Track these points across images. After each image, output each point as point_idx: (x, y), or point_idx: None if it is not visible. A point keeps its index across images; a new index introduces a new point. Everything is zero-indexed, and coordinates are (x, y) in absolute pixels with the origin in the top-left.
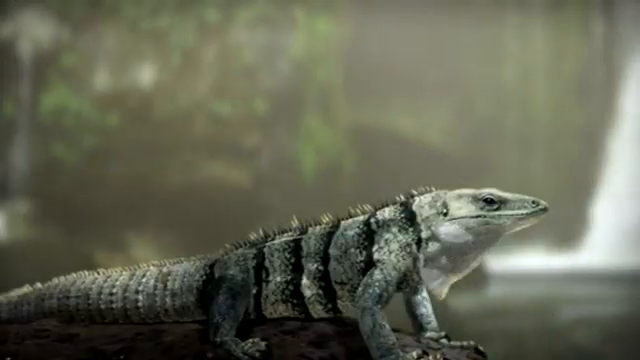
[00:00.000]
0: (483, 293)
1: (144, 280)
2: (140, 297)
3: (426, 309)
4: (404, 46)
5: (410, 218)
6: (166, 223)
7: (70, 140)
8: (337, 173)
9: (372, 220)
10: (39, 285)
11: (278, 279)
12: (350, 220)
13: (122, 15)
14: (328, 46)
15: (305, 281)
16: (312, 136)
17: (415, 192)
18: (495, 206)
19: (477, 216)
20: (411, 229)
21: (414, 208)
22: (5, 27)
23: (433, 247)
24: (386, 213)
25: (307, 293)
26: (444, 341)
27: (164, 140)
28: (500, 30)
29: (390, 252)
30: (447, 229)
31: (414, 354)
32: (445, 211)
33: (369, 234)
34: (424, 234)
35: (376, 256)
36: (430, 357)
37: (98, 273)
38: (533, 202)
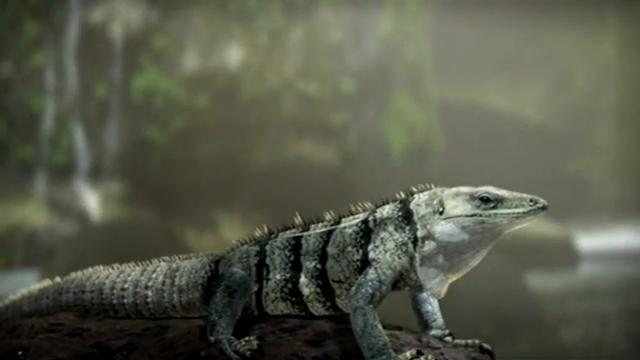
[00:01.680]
0: (572, 273)
1: (154, 276)
2: (149, 293)
3: (432, 306)
4: (498, 23)
5: (407, 216)
6: (255, 202)
7: (160, 121)
8: (426, 152)
9: (370, 218)
10: (58, 279)
11: (277, 277)
12: (351, 218)
13: None
14: (417, 24)
15: (303, 279)
16: (401, 115)
17: (415, 190)
18: (491, 205)
19: (473, 215)
20: (407, 228)
21: (411, 206)
22: (97, 11)
23: (429, 246)
24: (384, 211)
25: (305, 291)
26: (448, 339)
27: (252, 120)
28: (600, 5)
29: (386, 251)
30: (442, 228)
31: (407, 354)
32: (441, 209)
33: (366, 232)
34: (420, 233)
35: (371, 255)
36: (422, 357)
37: (113, 268)
38: (531, 200)
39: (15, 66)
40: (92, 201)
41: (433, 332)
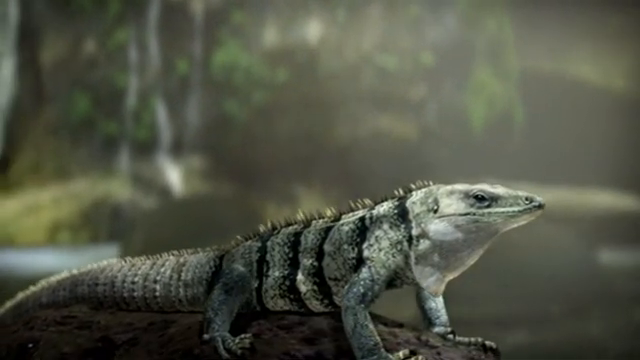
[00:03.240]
0: None
1: (162, 270)
2: (157, 287)
3: (435, 303)
4: None
5: (403, 215)
6: (334, 176)
7: (240, 96)
8: (507, 125)
9: (367, 216)
10: (75, 271)
11: (276, 274)
12: (350, 214)
13: None
14: None
15: (300, 277)
16: (481, 88)
17: (414, 187)
18: (486, 203)
19: (466, 214)
20: (403, 226)
21: (407, 204)
22: None
23: (424, 245)
24: (382, 209)
25: (302, 289)
26: (450, 337)
27: (331, 95)
28: None
29: (380, 249)
30: (436, 227)
31: (400, 354)
32: (436, 208)
33: (362, 230)
34: (415, 231)
35: (366, 253)
36: (414, 358)
37: (125, 261)
38: (526, 199)
39: (99, 44)
40: (174, 176)
41: (436, 329)
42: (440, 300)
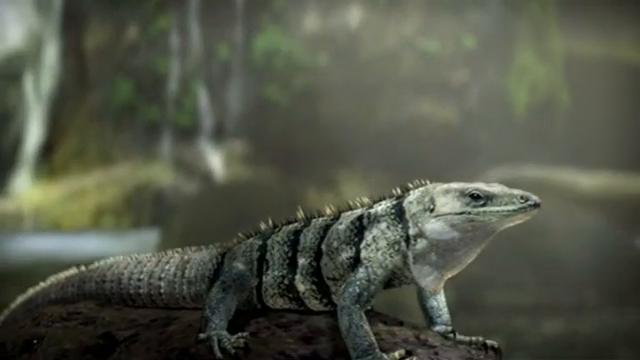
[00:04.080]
0: None
1: (167, 267)
2: (162, 284)
3: (437, 302)
4: None
5: (400, 214)
6: (374, 161)
7: (281, 81)
8: (551, 109)
9: (364, 215)
10: (83, 268)
11: (275, 273)
12: (349, 213)
13: None
14: None
15: (298, 276)
16: (524, 71)
17: (411, 186)
18: (481, 202)
19: (461, 213)
20: (400, 226)
21: (404, 204)
22: None
23: (421, 244)
24: (379, 208)
25: (301, 288)
26: (450, 336)
27: (372, 79)
28: None
29: (378, 249)
30: (432, 226)
31: (396, 354)
32: (432, 207)
33: (360, 230)
34: (412, 231)
35: (363, 253)
36: (410, 358)
37: (131, 258)
38: (522, 197)
39: (141, 30)
40: (215, 161)
41: (437, 328)
42: (442, 299)
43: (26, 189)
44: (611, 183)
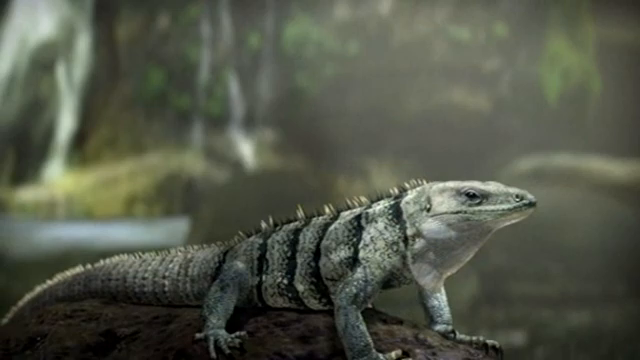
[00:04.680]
0: None
1: (170, 266)
2: (166, 282)
3: (438, 301)
4: None
5: (397, 215)
6: (405, 149)
7: (312, 70)
8: (583, 97)
9: (362, 215)
10: (89, 266)
11: (275, 272)
12: (347, 212)
13: None
14: None
15: (297, 276)
16: (557, 58)
17: (408, 186)
18: (477, 201)
19: (457, 212)
20: (398, 226)
21: (402, 205)
22: None
23: (419, 244)
24: (377, 208)
25: (300, 288)
26: (451, 336)
27: (403, 67)
28: None
29: (376, 250)
30: (429, 226)
31: (393, 355)
32: (428, 206)
33: (358, 230)
34: (409, 231)
35: (361, 254)
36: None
37: (135, 257)
38: (517, 196)
39: (172, 19)
40: (246, 150)
41: (437, 327)
42: (443, 298)
43: (58, 177)
44: None
